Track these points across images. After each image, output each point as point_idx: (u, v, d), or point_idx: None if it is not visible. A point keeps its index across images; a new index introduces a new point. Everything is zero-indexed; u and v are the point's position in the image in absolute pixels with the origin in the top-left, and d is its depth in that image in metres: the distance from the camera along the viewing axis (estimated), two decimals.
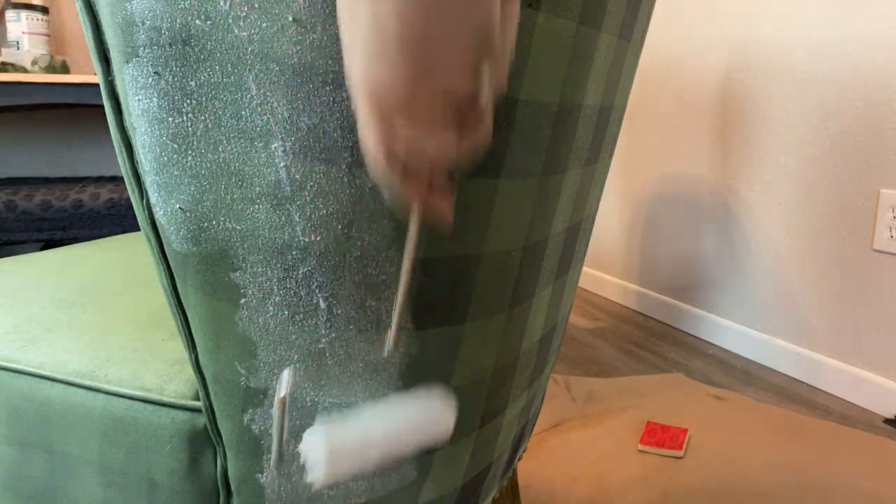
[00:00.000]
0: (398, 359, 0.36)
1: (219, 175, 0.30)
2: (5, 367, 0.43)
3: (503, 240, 0.37)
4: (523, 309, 0.43)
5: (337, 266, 0.32)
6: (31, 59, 1.62)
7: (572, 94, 0.38)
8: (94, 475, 0.41)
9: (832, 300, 1.39)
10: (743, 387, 1.40)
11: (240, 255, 0.32)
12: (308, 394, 0.35)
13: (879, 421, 1.25)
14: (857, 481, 1.01)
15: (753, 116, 1.54)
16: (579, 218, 0.49)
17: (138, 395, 0.39)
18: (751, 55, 1.53)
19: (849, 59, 1.33)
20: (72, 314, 0.48)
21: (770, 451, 1.10)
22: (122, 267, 0.60)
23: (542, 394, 0.61)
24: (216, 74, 0.28)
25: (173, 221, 0.32)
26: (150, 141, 0.31)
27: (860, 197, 1.33)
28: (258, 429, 0.36)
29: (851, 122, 1.33)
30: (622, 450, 1.09)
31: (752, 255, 1.57)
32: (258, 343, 0.34)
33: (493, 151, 0.34)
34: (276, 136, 0.29)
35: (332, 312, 0.33)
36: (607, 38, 0.40)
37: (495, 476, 0.52)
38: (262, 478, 0.37)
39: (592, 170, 0.47)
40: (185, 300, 0.35)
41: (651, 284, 1.90)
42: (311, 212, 0.31)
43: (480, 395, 0.42)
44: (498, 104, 0.32)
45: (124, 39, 0.29)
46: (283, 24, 0.28)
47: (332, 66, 0.28)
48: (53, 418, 0.41)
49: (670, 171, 1.80)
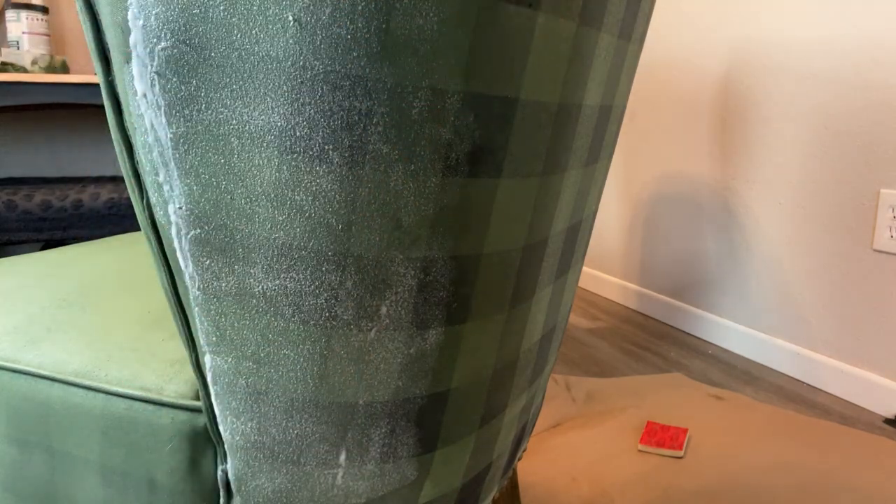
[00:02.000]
0: (398, 359, 0.36)
1: (219, 175, 0.30)
2: (5, 366, 0.43)
3: (503, 240, 0.37)
4: (523, 309, 0.43)
5: (337, 266, 0.32)
6: (31, 59, 1.62)
7: (572, 94, 0.38)
8: (95, 475, 0.41)
9: (832, 300, 1.39)
10: (743, 387, 1.40)
11: (240, 255, 0.32)
12: (308, 393, 0.35)
13: (879, 421, 1.25)
14: (857, 481, 1.01)
15: (753, 116, 1.54)
16: (579, 218, 0.49)
17: (138, 395, 0.39)
18: (751, 55, 1.53)
19: (849, 59, 1.33)
20: (72, 314, 0.48)
21: (770, 450, 1.10)
22: (122, 267, 0.60)
23: (543, 394, 0.61)
24: (216, 74, 0.28)
25: (173, 221, 0.32)
26: (150, 141, 0.31)
27: (860, 197, 1.33)
28: (258, 429, 0.36)
29: (851, 122, 1.33)
30: (622, 450, 1.09)
31: (752, 255, 1.57)
32: (258, 343, 0.34)
33: (493, 151, 0.34)
34: (276, 136, 0.29)
35: (333, 312, 0.33)
36: (607, 37, 0.40)
37: (495, 476, 0.52)
38: (262, 477, 0.37)
39: (592, 170, 0.47)
40: (185, 300, 0.35)
41: (651, 284, 1.90)
42: (310, 211, 0.31)
43: (480, 394, 0.42)
44: (498, 104, 0.32)
45: (124, 39, 0.29)
46: (283, 24, 0.28)
47: (331, 67, 0.28)
48: (53, 418, 0.41)
49: (670, 171, 1.80)
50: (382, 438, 0.38)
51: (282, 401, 0.35)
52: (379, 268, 0.33)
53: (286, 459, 0.37)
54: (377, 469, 0.39)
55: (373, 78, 0.29)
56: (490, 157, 0.34)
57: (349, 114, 0.29)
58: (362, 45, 0.28)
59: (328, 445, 0.37)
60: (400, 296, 0.34)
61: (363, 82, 0.29)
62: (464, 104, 0.31)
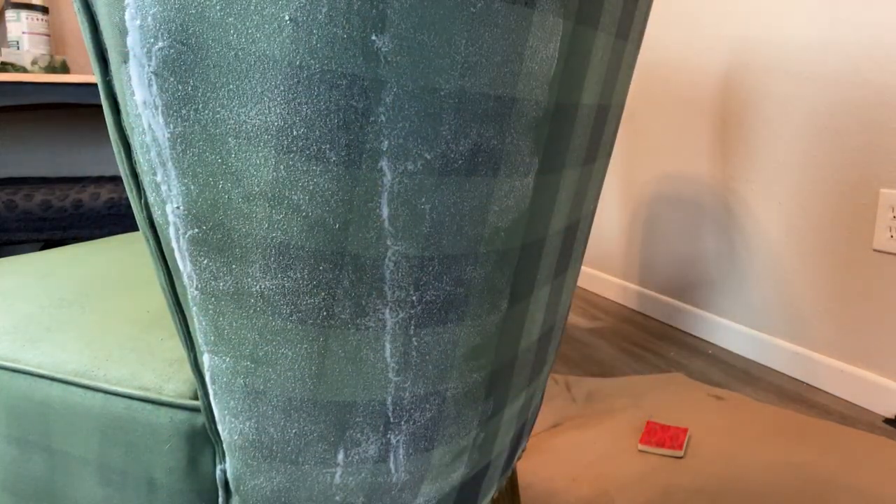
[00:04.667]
0: (395, 358, 0.36)
1: (216, 174, 0.30)
2: (5, 366, 0.43)
3: (501, 238, 0.37)
4: (521, 307, 0.43)
5: (334, 265, 0.32)
6: (31, 59, 1.62)
7: (569, 94, 0.38)
8: (93, 474, 0.41)
9: (832, 300, 1.39)
10: (743, 387, 1.40)
11: (237, 255, 0.32)
12: (307, 392, 0.35)
13: (879, 421, 1.25)
14: (857, 481, 1.01)
15: (753, 116, 1.54)
16: (577, 217, 0.49)
17: (137, 395, 0.39)
18: (751, 55, 1.53)
19: (849, 59, 1.33)
20: (71, 314, 0.48)
21: (770, 450, 1.10)
22: (121, 266, 0.60)
23: (542, 393, 0.61)
24: (213, 74, 0.29)
25: (171, 221, 0.32)
26: (147, 141, 0.31)
27: (860, 197, 1.33)
28: (256, 428, 0.36)
29: (851, 122, 1.33)
30: (622, 450, 1.09)
31: (752, 255, 1.57)
32: (256, 342, 0.34)
33: (490, 150, 0.34)
34: (273, 135, 0.29)
35: (330, 311, 0.33)
36: (604, 37, 0.40)
37: (494, 475, 0.52)
38: (261, 477, 0.37)
39: (590, 169, 0.48)
40: (183, 300, 0.35)
41: (651, 284, 1.90)
42: (307, 211, 0.31)
43: (478, 394, 0.42)
44: (495, 103, 0.33)
45: (122, 40, 0.29)
46: (279, 24, 0.28)
47: (327, 66, 0.28)
48: (52, 417, 0.42)
49: (670, 171, 1.80)
50: (380, 437, 0.38)
51: (280, 400, 0.35)
52: (376, 266, 0.33)
53: (284, 458, 0.37)
54: (375, 468, 0.39)
55: (369, 77, 0.29)
56: (487, 157, 0.34)
57: (346, 113, 0.29)
58: (358, 44, 0.28)
59: (326, 444, 0.37)
60: (397, 294, 0.34)
61: (360, 81, 0.29)
62: (460, 103, 0.31)
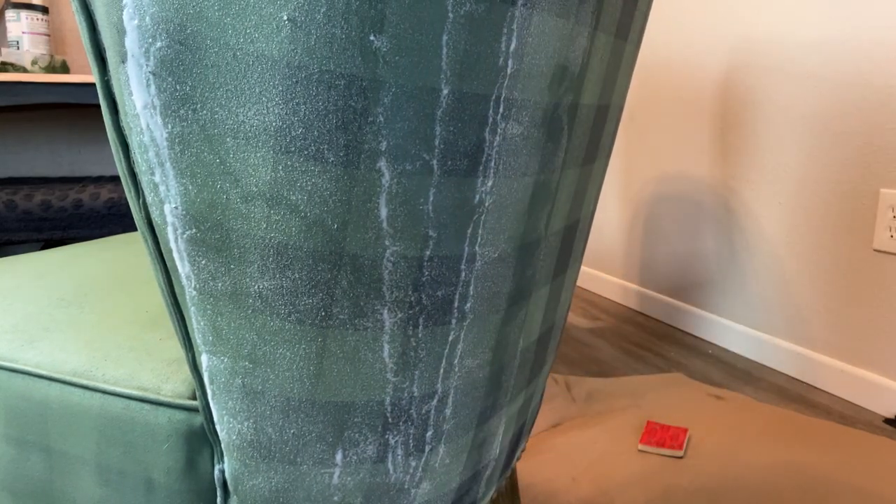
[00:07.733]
0: (394, 358, 0.36)
1: (214, 174, 0.30)
2: (3, 366, 0.43)
3: (499, 239, 0.37)
4: (521, 308, 0.43)
5: (332, 265, 0.32)
6: (31, 58, 1.62)
7: (569, 94, 0.38)
8: (92, 474, 0.41)
9: (832, 300, 1.39)
10: (743, 387, 1.40)
11: (235, 255, 0.32)
12: (305, 392, 0.35)
13: (879, 421, 1.25)
14: (857, 481, 1.01)
15: (753, 116, 1.54)
16: (577, 217, 0.49)
17: (135, 395, 0.39)
18: (751, 55, 1.53)
19: (849, 59, 1.33)
20: (70, 313, 0.48)
21: (770, 450, 1.10)
22: (120, 267, 0.60)
23: (541, 393, 0.61)
24: (211, 74, 0.29)
25: (169, 221, 0.32)
26: (146, 141, 0.31)
27: (860, 197, 1.32)
28: (255, 428, 0.36)
29: (851, 122, 1.33)
30: (622, 450, 1.09)
31: (752, 254, 1.57)
32: (255, 342, 0.34)
33: (488, 151, 0.34)
34: (271, 136, 0.29)
35: (328, 312, 0.33)
36: (604, 37, 0.40)
37: (493, 475, 0.52)
38: (259, 477, 0.37)
39: (590, 169, 0.47)
40: (181, 300, 0.35)
41: (651, 284, 1.90)
42: (305, 211, 0.31)
43: (478, 393, 0.42)
44: (493, 103, 0.33)
45: (120, 40, 0.29)
46: (277, 24, 0.28)
47: (326, 66, 0.28)
48: (51, 417, 0.42)
49: (670, 171, 1.80)
50: (379, 438, 0.38)
51: (278, 400, 0.35)
52: (374, 267, 0.33)
53: (283, 459, 0.37)
54: (373, 468, 0.39)
55: (368, 77, 0.29)
56: (485, 157, 0.34)
57: (344, 113, 0.29)
58: (357, 44, 0.28)
59: (324, 445, 0.37)
60: (395, 295, 0.34)
61: (358, 81, 0.29)
62: (458, 103, 0.31)
